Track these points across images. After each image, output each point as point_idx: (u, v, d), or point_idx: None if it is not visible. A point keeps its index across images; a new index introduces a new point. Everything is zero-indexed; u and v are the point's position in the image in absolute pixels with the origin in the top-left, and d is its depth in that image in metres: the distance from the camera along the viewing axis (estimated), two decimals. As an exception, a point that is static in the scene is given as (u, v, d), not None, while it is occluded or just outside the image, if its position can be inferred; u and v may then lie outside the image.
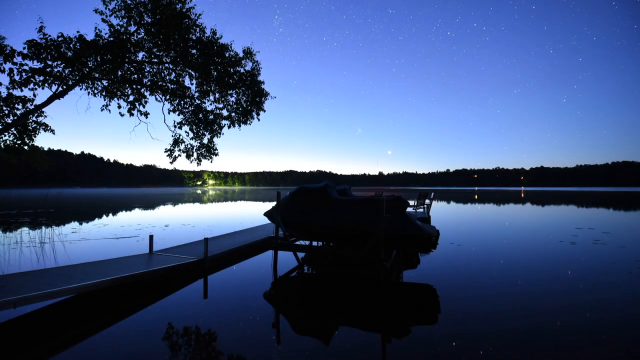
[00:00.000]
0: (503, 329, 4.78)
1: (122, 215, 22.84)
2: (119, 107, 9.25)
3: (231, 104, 10.58)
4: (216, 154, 11.02)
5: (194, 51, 9.25)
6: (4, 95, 7.45)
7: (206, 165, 11.23)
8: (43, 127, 8.52)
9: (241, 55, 9.91)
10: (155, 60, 9.35)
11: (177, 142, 10.55)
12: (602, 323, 5.02)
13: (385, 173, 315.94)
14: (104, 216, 22.18)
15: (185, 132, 10.60)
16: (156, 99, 10.06)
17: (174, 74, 9.98)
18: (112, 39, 8.42)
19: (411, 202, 20.35)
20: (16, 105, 7.73)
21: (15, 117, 7.76)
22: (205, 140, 10.76)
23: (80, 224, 17.67)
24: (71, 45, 7.65)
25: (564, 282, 7.11)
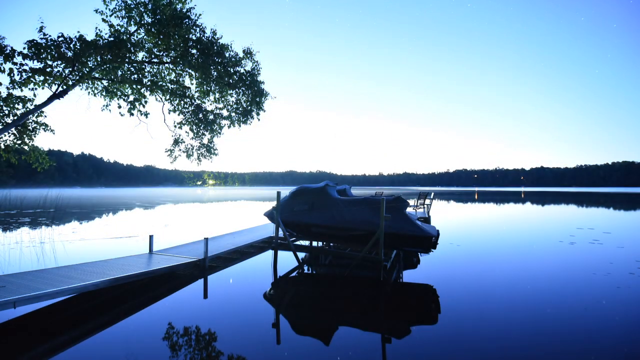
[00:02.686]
0: (503, 329, 4.78)
1: (122, 215, 22.84)
2: (119, 107, 9.25)
3: (231, 104, 10.58)
4: (216, 154, 11.02)
5: (194, 51, 9.25)
6: (4, 95, 7.45)
7: (206, 165, 11.21)
8: (43, 127, 8.52)
9: (241, 55, 9.92)
10: (155, 60, 9.35)
11: (177, 142, 10.56)
12: (602, 321, 5.02)
13: (386, 173, 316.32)
14: (104, 216, 22.18)
15: (185, 132, 10.61)
16: (156, 99, 10.06)
17: (174, 74, 9.98)
18: (112, 39, 8.42)
19: (411, 202, 20.34)
20: (16, 105, 7.73)
21: (15, 117, 7.76)
22: (205, 140, 10.76)
23: (80, 223, 17.67)
24: (71, 45, 7.64)
25: (562, 282, 7.11)
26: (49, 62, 7.51)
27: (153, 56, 9.28)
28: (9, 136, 8.14)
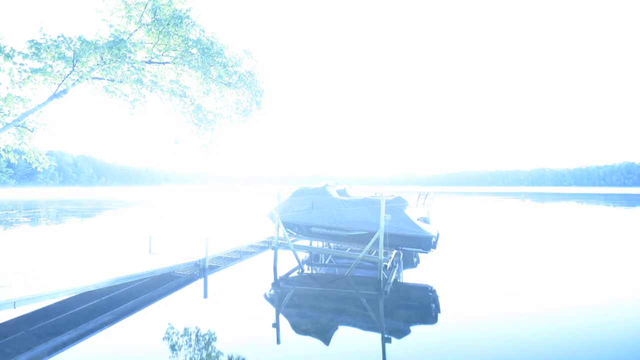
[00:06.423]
0: (503, 329, 4.78)
1: (122, 215, 22.83)
2: (119, 107, 9.25)
3: (231, 103, 10.58)
4: (216, 154, 11.04)
5: (194, 51, 9.25)
6: (4, 95, 7.44)
7: (206, 165, 11.22)
8: (43, 127, 8.51)
9: (241, 55, 9.92)
10: (155, 60, 9.35)
11: (177, 142, 10.56)
12: (604, 323, 5.01)
13: (386, 173, 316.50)
14: (104, 216, 22.18)
15: (185, 132, 10.60)
16: (156, 99, 10.06)
17: (174, 74, 9.98)
18: (112, 39, 8.42)
19: (411, 203, 20.35)
20: (16, 105, 7.72)
21: (15, 117, 7.75)
22: (205, 140, 10.77)
23: (81, 223, 17.67)
24: (71, 45, 7.64)
25: (563, 281, 7.10)
26: (49, 62, 7.50)
27: (153, 56, 9.29)
28: (9, 136, 8.13)
